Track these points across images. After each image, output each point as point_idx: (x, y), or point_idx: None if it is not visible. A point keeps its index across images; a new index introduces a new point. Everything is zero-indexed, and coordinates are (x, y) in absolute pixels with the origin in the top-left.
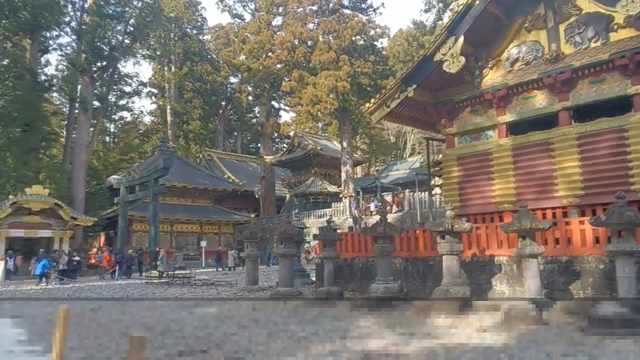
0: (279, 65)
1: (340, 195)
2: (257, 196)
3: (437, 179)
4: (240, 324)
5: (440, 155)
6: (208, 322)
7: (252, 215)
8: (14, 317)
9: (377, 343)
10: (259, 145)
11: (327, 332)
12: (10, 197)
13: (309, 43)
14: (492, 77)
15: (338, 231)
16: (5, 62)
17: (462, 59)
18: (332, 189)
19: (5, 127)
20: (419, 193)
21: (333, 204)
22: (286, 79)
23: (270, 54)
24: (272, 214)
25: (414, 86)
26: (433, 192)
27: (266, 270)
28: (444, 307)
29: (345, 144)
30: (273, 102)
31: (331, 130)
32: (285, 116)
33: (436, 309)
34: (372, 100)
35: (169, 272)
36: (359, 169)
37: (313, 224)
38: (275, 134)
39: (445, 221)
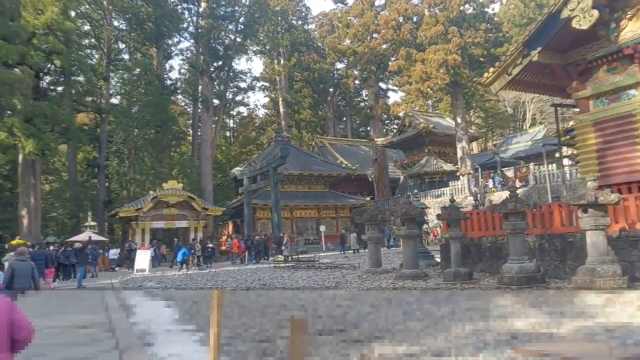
0: (384, 46)
1: (458, 174)
2: (370, 179)
3: (565, 149)
4: (373, 303)
5: (572, 122)
6: (340, 302)
7: (367, 199)
8: (167, 300)
9: (523, 323)
10: (369, 128)
11: (465, 312)
12: (151, 192)
13: (414, 19)
14: (631, 29)
15: (462, 210)
16: (137, 71)
17: (595, 12)
18: (448, 167)
19: (141, 130)
20: (547, 165)
21: (450, 182)
22: (393, 59)
23: (375, 35)
24: (387, 196)
25: (539, 49)
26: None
27: (386, 253)
28: (594, 285)
29: (459, 120)
30: (381, 84)
31: (442, 107)
32: (394, 97)
33: (584, 287)
34: (491, 70)
35: (293, 256)
36: (474, 144)
37: (430, 204)
38: (385, 116)
39: (587, 193)
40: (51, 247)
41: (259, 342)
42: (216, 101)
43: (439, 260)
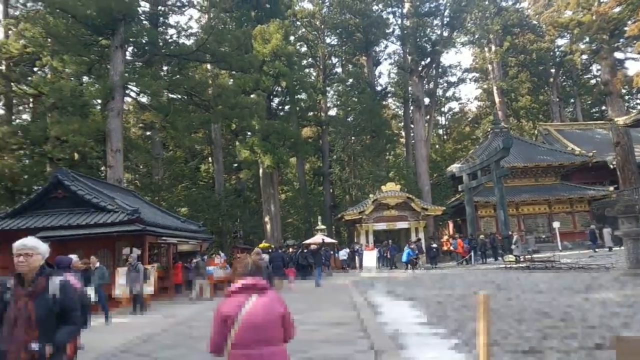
0: (617, 9)
1: None
2: (611, 166)
3: None
4: None
5: None
6: (614, 309)
7: (610, 188)
8: (409, 300)
9: None
10: (605, 107)
11: None
12: (371, 195)
13: None
14: None
15: None
16: (349, 82)
17: None
18: None
19: (358, 136)
20: None
21: None
22: (630, 22)
23: None
24: (635, 184)
25: None
26: None
27: None
28: None
29: None
30: (616, 54)
31: None
32: (635, 67)
33: None
34: None
35: (527, 256)
36: None
37: None
38: (625, 90)
39: None
40: (290, 249)
41: (524, 354)
42: (427, 100)
43: None
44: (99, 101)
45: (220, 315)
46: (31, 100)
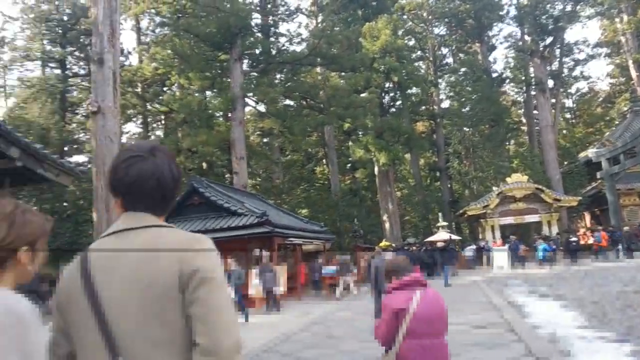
0: None
1: None
2: None
3: None
4: None
5: None
6: None
7: None
8: (559, 300)
9: None
10: None
11: None
12: (494, 188)
13: None
14: None
15: None
16: (462, 71)
17: None
18: None
19: (475, 127)
20: None
21: None
22: None
23: None
24: None
25: None
26: None
27: None
28: None
29: None
30: None
31: None
32: None
33: None
34: None
35: None
36: None
37: None
38: None
39: None
40: (412, 248)
41: None
42: (551, 82)
43: None
44: (221, 113)
45: (391, 309)
46: (163, 117)
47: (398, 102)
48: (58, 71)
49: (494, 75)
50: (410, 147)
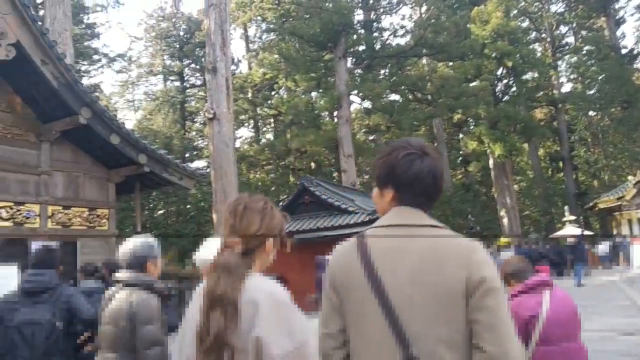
0: None
1: None
2: None
3: None
4: None
5: None
6: None
7: None
8: None
9: None
10: None
11: None
12: (630, 177)
13: None
14: None
15: None
16: (585, 50)
17: None
18: None
19: (604, 110)
20: None
21: None
22: None
23: None
24: None
25: None
26: None
27: None
28: None
29: None
30: None
31: None
32: None
33: None
34: None
35: None
36: None
37: None
38: None
39: None
40: (534, 245)
41: None
42: None
43: None
44: (327, 112)
45: (521, 317)
46: (272, 120)
47: (513, 89)
48: (177, 83)
49: (624, 51)
50: (528, 136)
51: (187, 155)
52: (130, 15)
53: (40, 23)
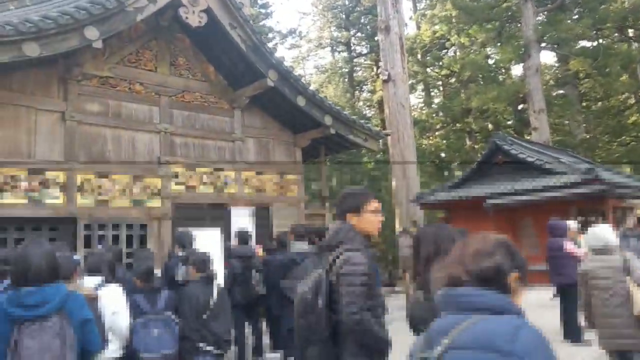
0: None
1: None
2: None
3: None
4: None
5: None
6: None
7: None
8: None
9: None
10: None
11: None
12: None
13: None
14: None
15: None
16: None
17: None
18: None
19: None
20: None
21: None
22: None
23: None
24: None
25: None
26: None
27: None
28: None
29: None
30: None
31: None
32: None
33: None
34: None
35: None
36: None
37: None
38: None
39: None
40: None
41: None
42: None
43: None
44: (508, 65)
45: None
46: (440, 82)
47: None
48: (344, 54)
49: None
50: None
51: None
52: None
53: None
